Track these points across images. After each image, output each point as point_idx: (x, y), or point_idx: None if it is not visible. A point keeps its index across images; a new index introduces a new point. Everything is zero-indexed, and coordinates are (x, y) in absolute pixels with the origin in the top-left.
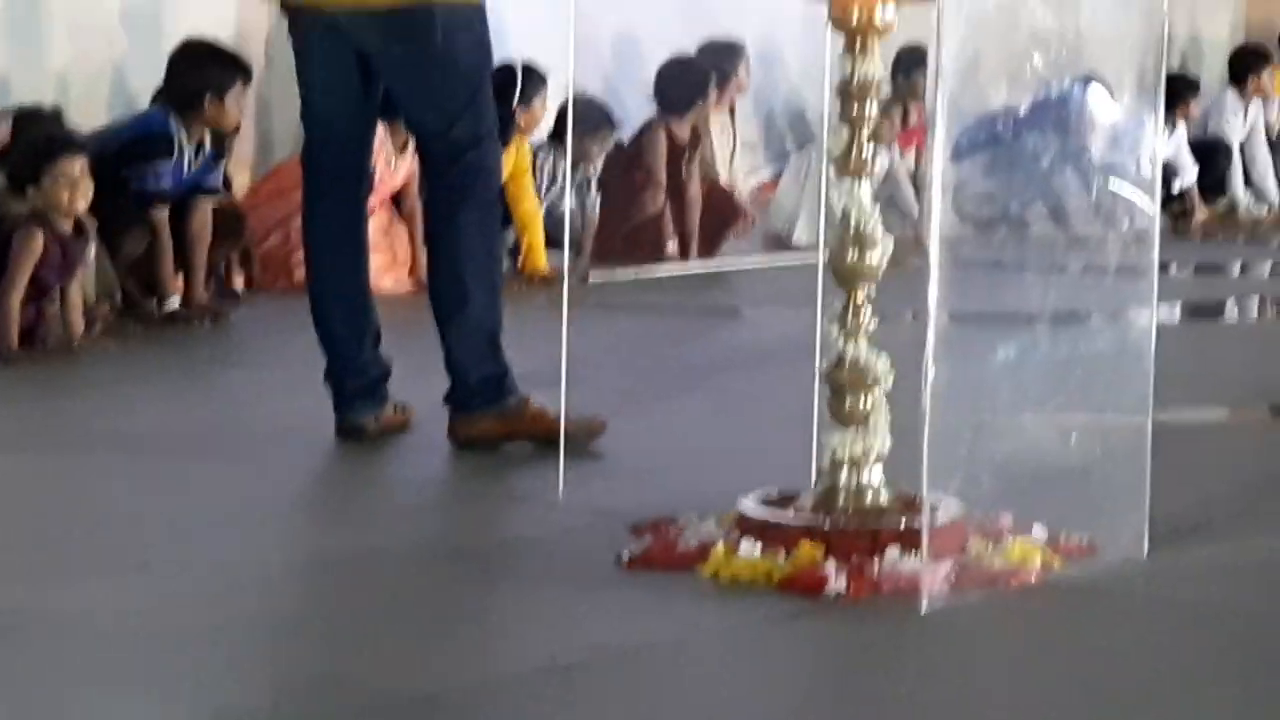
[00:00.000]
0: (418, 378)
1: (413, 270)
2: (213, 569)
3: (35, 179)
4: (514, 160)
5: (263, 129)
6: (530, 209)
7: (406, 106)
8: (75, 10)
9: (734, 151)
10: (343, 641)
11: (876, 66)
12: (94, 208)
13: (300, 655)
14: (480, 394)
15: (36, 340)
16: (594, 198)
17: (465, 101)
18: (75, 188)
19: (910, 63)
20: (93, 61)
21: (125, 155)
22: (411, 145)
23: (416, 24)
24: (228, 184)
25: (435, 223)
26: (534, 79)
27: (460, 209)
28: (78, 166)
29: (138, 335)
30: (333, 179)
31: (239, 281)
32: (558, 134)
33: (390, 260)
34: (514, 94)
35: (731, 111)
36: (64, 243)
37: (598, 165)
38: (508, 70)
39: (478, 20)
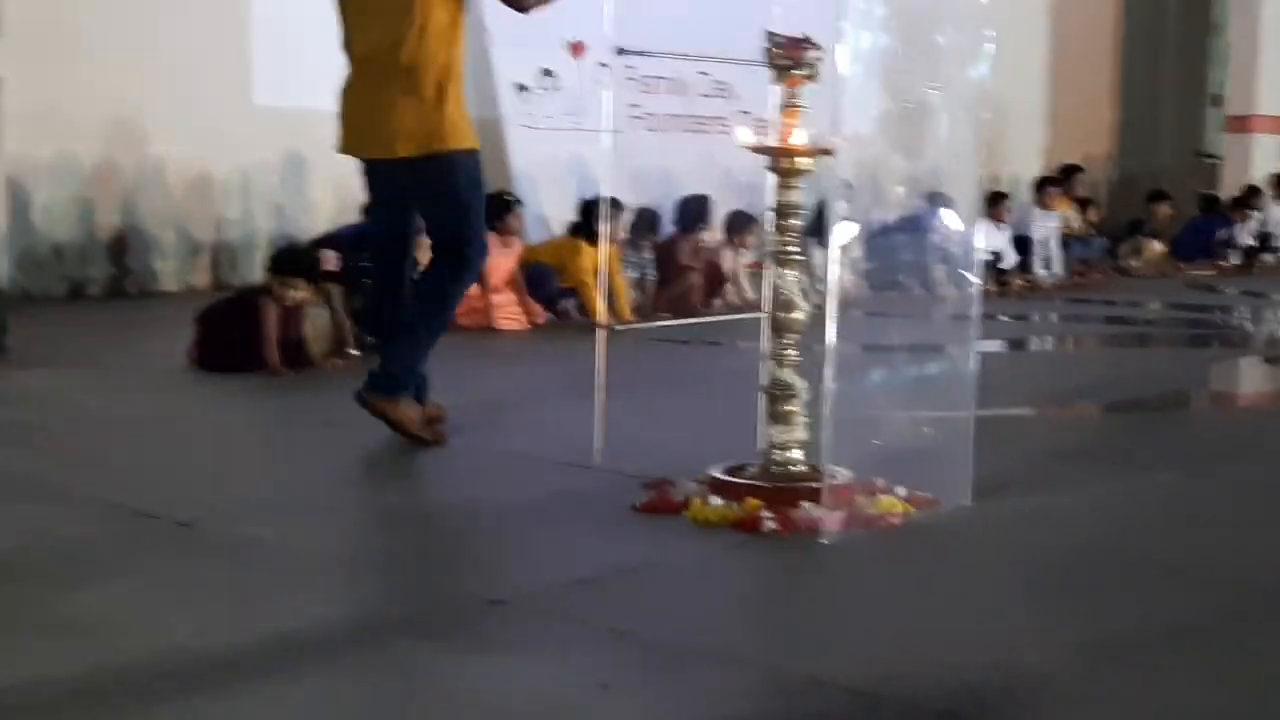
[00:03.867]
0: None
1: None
2: (363, 509)
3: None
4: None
5: None
6: (620, 283)
7: None
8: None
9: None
10: (443, 560)
11: (798, 195)
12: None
13: (417, 571)
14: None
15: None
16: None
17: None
18: (293, 289)
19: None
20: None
21: (353, 248)
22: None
23: None
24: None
25: None
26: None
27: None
28: (301, 282)
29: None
30: None
31: None
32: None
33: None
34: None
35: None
36: (289, 310)
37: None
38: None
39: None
